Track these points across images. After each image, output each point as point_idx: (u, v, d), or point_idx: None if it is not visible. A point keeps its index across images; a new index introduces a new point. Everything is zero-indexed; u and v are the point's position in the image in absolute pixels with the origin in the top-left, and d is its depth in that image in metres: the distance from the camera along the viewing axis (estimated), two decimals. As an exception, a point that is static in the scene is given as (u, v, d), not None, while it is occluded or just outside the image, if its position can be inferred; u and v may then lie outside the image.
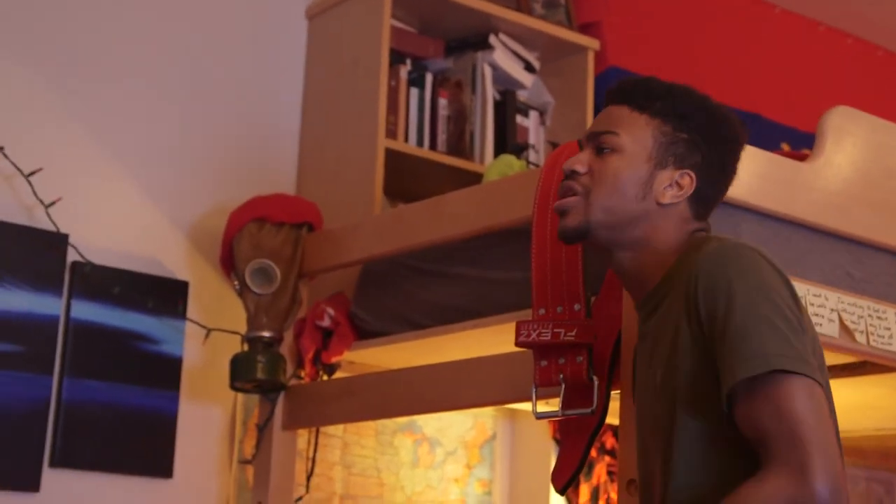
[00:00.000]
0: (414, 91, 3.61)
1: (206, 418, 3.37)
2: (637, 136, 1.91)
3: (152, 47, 3.46)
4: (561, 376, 2.30)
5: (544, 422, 3.60)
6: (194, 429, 3.33)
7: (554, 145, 3.74)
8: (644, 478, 1.93)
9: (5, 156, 3.11)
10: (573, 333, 2.28)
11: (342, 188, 3.47)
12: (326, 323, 3.13)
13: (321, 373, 3.17)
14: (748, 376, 1.67)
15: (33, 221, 3.15)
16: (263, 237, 3.17)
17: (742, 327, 1.70)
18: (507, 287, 2.75)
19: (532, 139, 3.86)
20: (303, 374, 3.18)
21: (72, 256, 3.18)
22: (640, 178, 1.90)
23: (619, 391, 2.30)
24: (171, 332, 3.30)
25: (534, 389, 2.35)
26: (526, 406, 3.27)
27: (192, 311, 3.34)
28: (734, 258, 1.76)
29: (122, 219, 3.33)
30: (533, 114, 3.90)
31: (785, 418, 1.66)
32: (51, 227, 3.15)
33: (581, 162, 1.94)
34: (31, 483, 3.04)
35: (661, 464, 1.84)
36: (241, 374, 3.09)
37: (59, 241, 3.16)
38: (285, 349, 3.16)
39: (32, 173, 3.13)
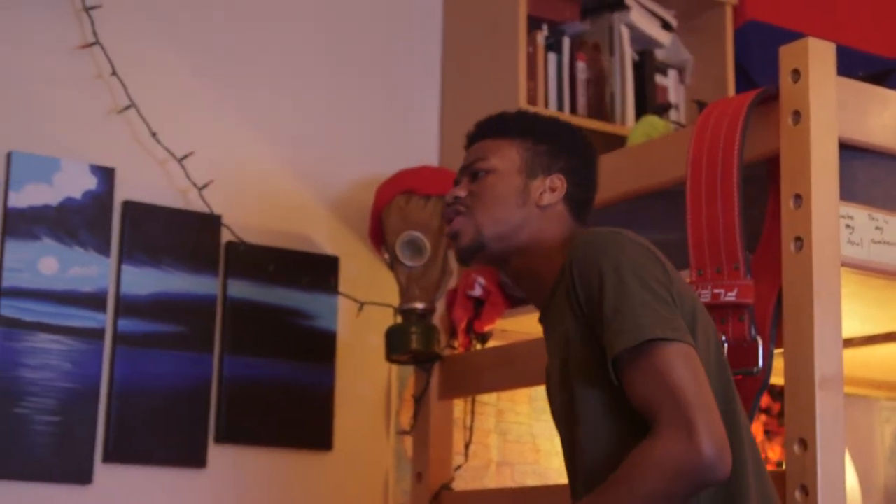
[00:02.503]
0: (552, 56, 3.60)
1: (361, 391, 3.41)
2: (504, 155, 2.07)
3: (293, 28, 3.50)
4: (723, 337, 2.29)
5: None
6: (351, 401, 3.38)
7: (698, 103, 3.69)
8: (567, 466, 1.99)
9: (158, 141, 3.19)
10: (734, 294, 2.28)
11: (485, 157, 3.47)
12: (478, 292, 3.14)
13: (474, 342, 3.19)
14: (626, 347, 1.78)
15: (188, 204, 3.22)
16: (411, 210, 3.19)
17: (615, 305, 1.82)
18: (663, 248, 2.70)
19: (672, 98, 3.83)
20: (456, 343, 3.20)
21: (226, 237, 3.25)
22: (516, 188, 2.05)
23: (781, 350, 2.28)
24: (324, 307, 3.35)
25: (696, 351, 2.34)
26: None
27: (343, 285, 3.39)
28: (600, 243, 1.89)
29: (272, 198, 3.38)
30: (672, 72, 3.86)
31: (666, 384, 1.76)
32: (204, 209, 3.22)
33: (461, 188, 2.09)
34: (198, 460, 3.13)
35: (571, 447, 1.94)
36: (396, 346, 3.12)
37: (213, 222, 3.22)
38: (438, 320, 3.18)
39: (185, 157, 3.20)
